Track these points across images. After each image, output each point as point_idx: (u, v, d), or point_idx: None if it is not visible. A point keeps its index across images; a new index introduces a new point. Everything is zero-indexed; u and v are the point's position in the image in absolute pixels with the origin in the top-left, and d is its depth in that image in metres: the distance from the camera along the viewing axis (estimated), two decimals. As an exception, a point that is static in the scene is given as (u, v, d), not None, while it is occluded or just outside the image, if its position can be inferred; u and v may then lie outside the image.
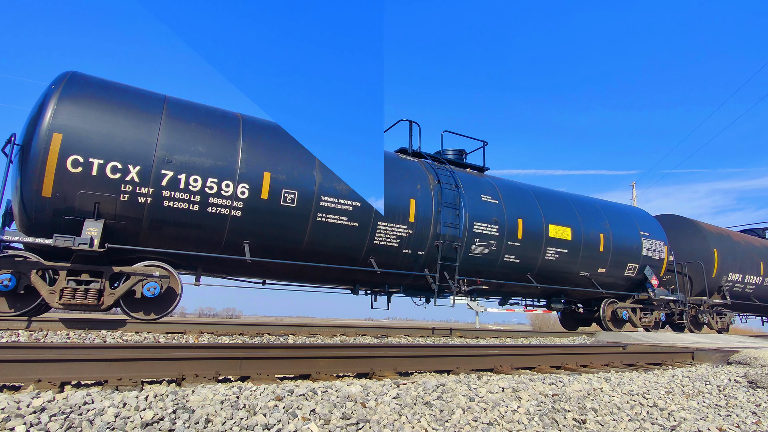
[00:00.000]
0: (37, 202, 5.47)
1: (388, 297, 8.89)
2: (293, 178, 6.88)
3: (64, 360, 2.81)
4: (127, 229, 5.94)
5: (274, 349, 4.08)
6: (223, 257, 6.53)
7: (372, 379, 3.54)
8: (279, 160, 6.87)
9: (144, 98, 6.35)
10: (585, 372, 4.35)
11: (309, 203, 6.91)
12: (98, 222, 5.63)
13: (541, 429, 2.59)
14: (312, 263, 7.17)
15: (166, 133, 6.13)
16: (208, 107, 6.97)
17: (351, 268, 7.56)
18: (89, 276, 5.73)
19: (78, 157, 5.54)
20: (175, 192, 6.02)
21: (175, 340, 5.51)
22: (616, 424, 2.79)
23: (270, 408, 2.31)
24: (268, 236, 6.72)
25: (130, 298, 5.99)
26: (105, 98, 5.98)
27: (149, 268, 6.03)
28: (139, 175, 5.83)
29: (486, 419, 2.60)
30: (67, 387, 2.80)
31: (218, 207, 6.30)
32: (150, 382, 3.00)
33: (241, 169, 6.47)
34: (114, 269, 5.85)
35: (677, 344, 7.00)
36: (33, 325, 5.44)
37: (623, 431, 2.72)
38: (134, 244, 6.07)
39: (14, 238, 5.46)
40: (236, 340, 5.96)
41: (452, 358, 4.01)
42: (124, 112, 5.99)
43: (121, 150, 5.78)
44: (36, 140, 5.42)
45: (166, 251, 6.19)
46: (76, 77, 6.00)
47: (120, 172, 5.74)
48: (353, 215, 7.28)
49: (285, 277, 7.92)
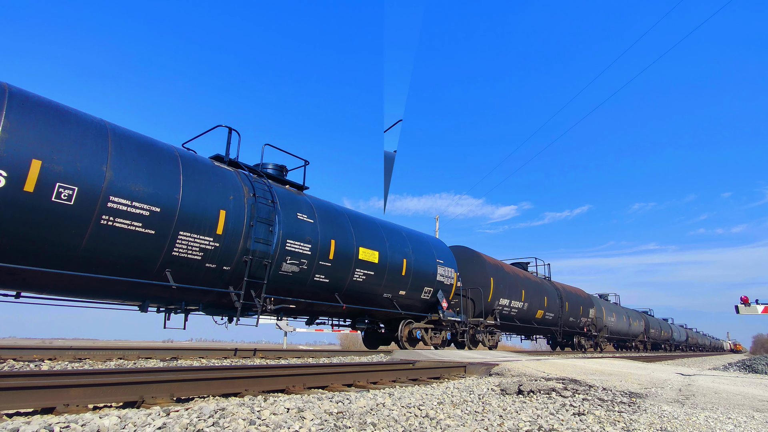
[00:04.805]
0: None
1: (185, 315, 8.06)
2: (75, 171, 5.77)
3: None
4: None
5: (9, 378, 3.23)
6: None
7: (140, 408, 3.06)
8: (57, 147, 5.71)
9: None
10: (373, 388, 4.55)
11: (93, 203, 5.88)
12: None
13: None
14: (89, 274, 6.07)
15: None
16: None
17: (141, 282, 6.63)
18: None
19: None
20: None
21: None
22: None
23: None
24: (28, 237, 5.45)
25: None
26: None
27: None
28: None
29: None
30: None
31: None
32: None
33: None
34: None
35: (456, 360, 7.94)
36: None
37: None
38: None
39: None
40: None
41: (241, 380, 3.76)
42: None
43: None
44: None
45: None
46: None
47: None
48: (150, 221, 6.45)
49: (51, 290, 6.50)
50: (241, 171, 8.61)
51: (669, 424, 3.47)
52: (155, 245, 6.54)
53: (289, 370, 4.28)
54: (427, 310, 12.48)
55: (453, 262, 13.37)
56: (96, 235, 5.96)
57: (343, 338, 33.40)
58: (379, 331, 12.82)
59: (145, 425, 2.40)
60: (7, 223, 5.27)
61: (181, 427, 2.46)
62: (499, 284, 15.48)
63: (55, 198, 5.56)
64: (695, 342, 58.01)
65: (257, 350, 9.41)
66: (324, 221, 9.29)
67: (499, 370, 6.28)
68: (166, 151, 7.15)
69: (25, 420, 2.39)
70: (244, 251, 7.66)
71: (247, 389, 3.79)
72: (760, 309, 11.75)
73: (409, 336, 11.82)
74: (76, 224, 5.77)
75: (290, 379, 4.16)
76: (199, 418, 2.63)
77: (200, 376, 3.56)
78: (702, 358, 28.22)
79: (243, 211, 7.73)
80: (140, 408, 3.06)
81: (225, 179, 7.80)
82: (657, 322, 39.46)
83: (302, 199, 9.32)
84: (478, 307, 14.78)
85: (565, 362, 8.24)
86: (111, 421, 2.38)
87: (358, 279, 9.80)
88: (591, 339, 24.25)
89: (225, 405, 2.99)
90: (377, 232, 10.76)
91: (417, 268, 11.61)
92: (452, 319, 12.65)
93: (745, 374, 10.16)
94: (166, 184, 6.74)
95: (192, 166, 7.33)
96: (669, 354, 29.97)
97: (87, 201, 5.82)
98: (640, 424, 3.43)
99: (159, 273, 6.72)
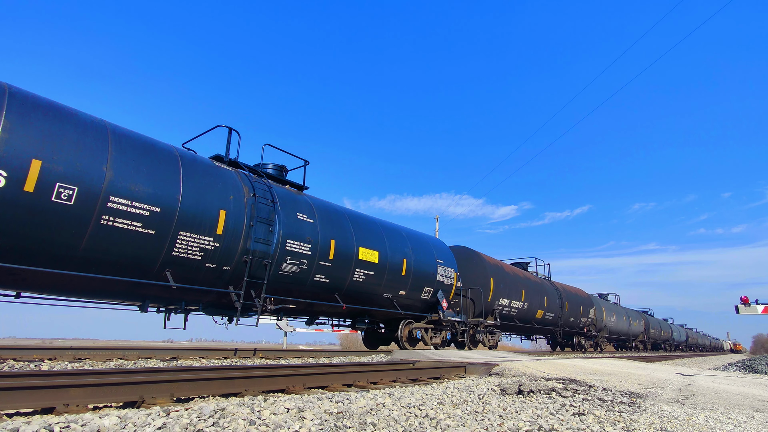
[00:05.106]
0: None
1: (185, 315, 8.06)
2: (75, 171, 5.78)
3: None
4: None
5: (9, 378, 3.24)
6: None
7: (140, 408, 3.06)
8: (57, 147, 5.71)
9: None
10: (373, 388, 4.55)
11: (93, 203, 5.88)
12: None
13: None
14: (90, 274, 6.07)
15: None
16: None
17: (141, 282, 6.63)
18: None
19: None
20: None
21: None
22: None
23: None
24: (27, 237, 5.45)
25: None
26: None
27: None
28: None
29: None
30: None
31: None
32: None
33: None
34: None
35: (456, 360, 7.94)
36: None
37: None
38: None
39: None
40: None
41: (241, 380, 3.76)
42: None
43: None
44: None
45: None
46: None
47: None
48: (150, 222, 6.45)
49: (51, 290, 6.50)
50: (241, 171, 8.62)
51: (669, 424, 3.47)
52: (155, 245, 6.54)
53: (289, 370, 4.28)
54: (427, 310, 12.47)
55: (453, 262, 13.37)
56: (96, 235, 5.96)
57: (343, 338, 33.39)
58: (379, 331, 12.82)
59: (145, 425, 2.40)
60: (7, 223, 5.27)
61: (181, 427, 2.46)
62: (499, 284, 15.48)
63: (55, 198, 5.56)
64: (695, 342, 58.04)
65: (257, 350, 9.41)
66: (324, 221, 9.29)
67: (499, 370, 6.28)
68: (166, 151, 7.15)
69: (25, 420, 2.39)
70: (244, 251, 7.66)
71: (247, 389, 3.78)
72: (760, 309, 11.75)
73: (409, 336, 11.82)
74: (76, 224, 5.77)
75: (290, 379, 4.16)
76: (199, 418, 2.63)
77: (200, 376, 3.56)
78: (702, 358, 28.23)
79: (243, 211, 7.73)
80: (140, 408, 3.06)
81: (225, 179, 7.80)
82: (657, 322, 39.47)
83: (302, 199, 9.32)
84: (478, 307, 14.78)
85: (565, 362, 8.24)
86: (111, 421, 2.38)
87: (358, 279, 9.80)
88: (591, 339, 24.26)
89: (225, 405, 2.99)
90: (377, 232, 10.76)
91: (417, 268, 11.61)
92: (452, 319, 12.65)
93: (745, 374, 10.16)
94: (166, 184, 6.74)
95: (192, 166, 7.33)
96: (669, 354, 29.97)
97: (87, 201, 5.82)
98: (640, 424, 3.43)
99: (159, 273, 6.72)
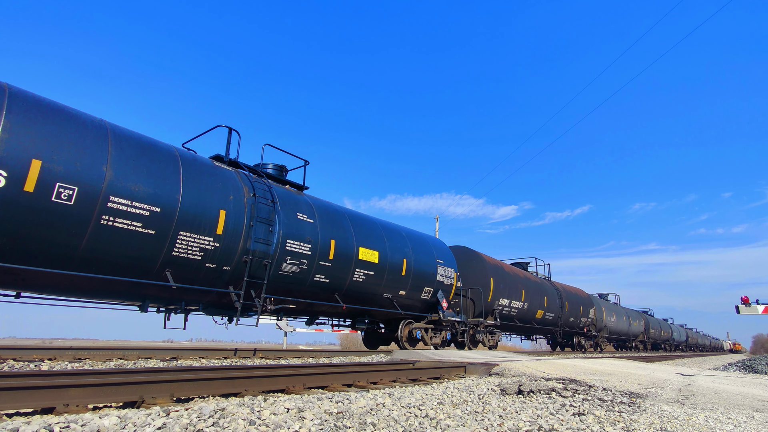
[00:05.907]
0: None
1: (185, 315, 8.06)
2: (75, 171, 5.78)
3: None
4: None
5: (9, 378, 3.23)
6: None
7: (140, 408, 3.06)
8: (57, 147, 5.71)
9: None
10: (373, 388, 4.55)
11: (93, 203, 5.88)
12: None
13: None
14: (89, 274, 6.07)
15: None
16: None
17: (141, 282, 6.63)
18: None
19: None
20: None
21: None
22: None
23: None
24: (28, 237, 5.45)
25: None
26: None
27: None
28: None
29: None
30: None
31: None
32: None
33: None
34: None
35: (456, 360, 7.94)
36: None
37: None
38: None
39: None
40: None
41: (241, 380, 3.76)
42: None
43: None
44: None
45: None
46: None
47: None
48: (150, 222, 6.45)
49: (51, 290, 6.51)
50: (241, 171, 8.62)
51: (669, 424, 3.47)
52: (155, 245, 6.54)
53: (289, 370, 4.28)
54: (427, 310, 12.47)
55: (453, 262, 13.37)
56: (96, 235, 5.96)
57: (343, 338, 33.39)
58: (379, 331, 12.82)
59: (145, 425, 2.39)
60: (7, 223, 5.27)
61: (181, 427, 2.46)
62: (499, 284, 15.48)
63: (55, 198, 5.56)
64: (695, 342, 58.05)
65: (257, 350, 9.41)
66: (324, 221, 9.29)
67: (499, 370, 6.28)
68: (166, 151, 7.15)
69: (25, 420, 2.39)
70: (244, 251, 7.66)
71: (247, 389, 3.78)
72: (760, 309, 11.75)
73: (409, 336, 11.82)
74: (76, 224, 5.77)
75: (290, 379, 4.16)
76: (199, 418, 2.63)
77: (200, 376, 3.56)
78: (702, 358, 28.23)
79: (243, 211, 7.73)
80: (140, 408, 3.06)
81: (225, 179, 7.80)
82: (657, 322, 39.47)
83: (302, 199, 9.32)
84: (478, 307, 14.78)
85: (565, 362, 8.24)
86: (111, 421, 2.38)
87: (358, 279, 9.79)
88: (591, 339, 24.25)
89: (225, 405, 2.99)
90: (377, 232, 10.76)
91: (417, 268, 11.60)
92: (452, 319, 12.64)
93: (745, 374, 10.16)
94: (166, 184, 6.74)
95: (192, 166, 7.33)
96: (669, 354, 29.97)
97: (87, 201, 5.82)
98: (640, 424, 3.43)
99: (159, 273, 6.72)
